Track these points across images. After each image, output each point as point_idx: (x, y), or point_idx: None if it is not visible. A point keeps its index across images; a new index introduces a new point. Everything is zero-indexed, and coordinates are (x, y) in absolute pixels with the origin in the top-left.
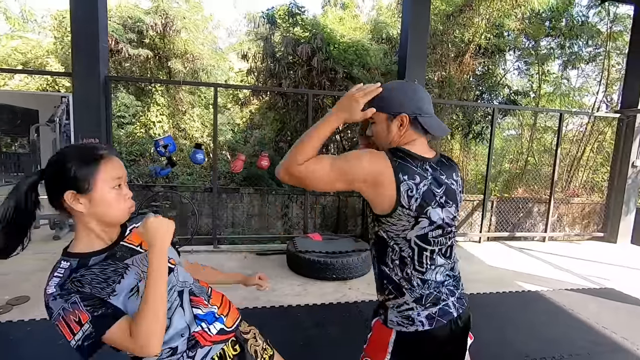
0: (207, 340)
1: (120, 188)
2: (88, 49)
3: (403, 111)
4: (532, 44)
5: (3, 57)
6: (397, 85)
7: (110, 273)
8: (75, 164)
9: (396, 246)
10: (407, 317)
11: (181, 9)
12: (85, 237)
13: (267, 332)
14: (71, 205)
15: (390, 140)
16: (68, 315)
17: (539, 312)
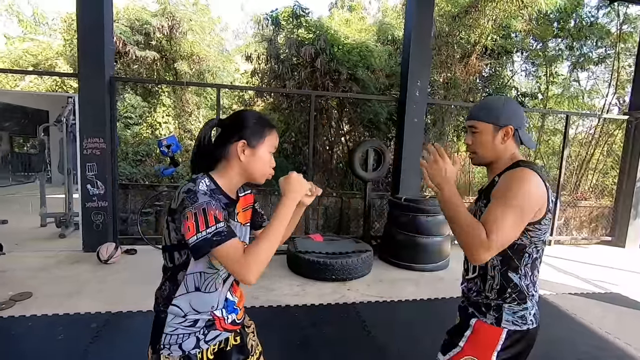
0: (221, 326)
1: (271, 155)
2: (94, 51)
3: (509, 123)
4: (540, 45)
5: (15, 58)
6: (503, 99)
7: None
8: (256, 124)
9: (534, 250)
10: (521, 316)
11: (187, 11)
12: (226, 180)
13: (265, 331)
14: (238, 152)
15: (493, 149)
16: (210, 209)
17: (541, 315)
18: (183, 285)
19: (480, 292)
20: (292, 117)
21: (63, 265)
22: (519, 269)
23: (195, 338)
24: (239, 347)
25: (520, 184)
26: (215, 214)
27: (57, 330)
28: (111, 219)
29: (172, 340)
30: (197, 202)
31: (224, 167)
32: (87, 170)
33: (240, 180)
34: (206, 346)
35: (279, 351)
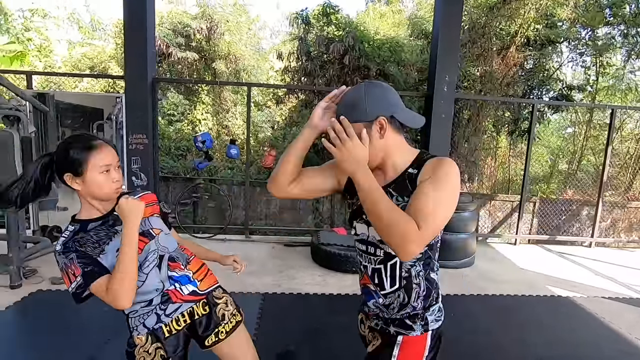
0: (178, 298)
1: (109, 173)
2: (138, 54)
3: (379, 114)
4: (589, 34)
5: (75, 62)
6: (363, 87)
7: (102, 236)
8: (73, 151)
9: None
10: (439, 309)
11: (225, 13)
12: (86, 208)
13: (285, 315)
14: (70, 184)
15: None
16: (67, 269)
17: (567, 317)
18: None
19: (404, 305)
20: None
21: None
22: (434, 265)
23: (155, 315)
24: (208, 317)
25: (451, 173)
26: (72, 271)
27: (102, 303)
28: None
29: (136, 321)
30: (59, 264)
31: (80, 199)
32: (132, 164)
33: (99, 202)
34: (168, 319)
35: (297, 334)
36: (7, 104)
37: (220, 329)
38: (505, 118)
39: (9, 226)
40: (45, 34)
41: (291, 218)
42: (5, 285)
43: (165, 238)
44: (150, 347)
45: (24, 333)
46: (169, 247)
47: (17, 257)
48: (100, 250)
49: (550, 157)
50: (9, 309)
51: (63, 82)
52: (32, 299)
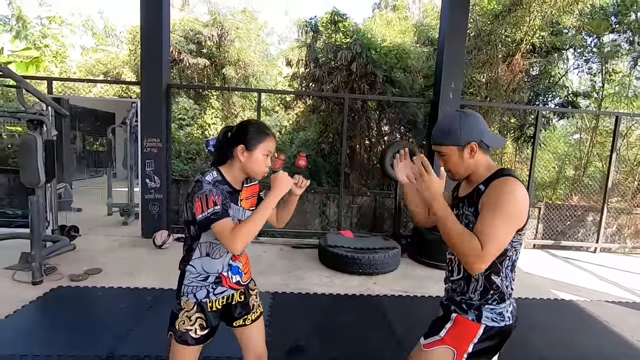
0: (227, 284)
1: (267, 158)
2: (153, 61)
3: (471, 140)
4: (595, 41)
5: (89, 68)
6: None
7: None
8: (254, 131)
9: (514, 254)
10: (500, 314)
11: (235, 20)
12: (231, 173)
13: (293, 313)
14: (238, 153)
15: (466, 166)
16: (210, 196)
17: (570, 321)
18: (197, 251)
19: (464, 293)
20: (329, 118)
21: (125, 247)
22: (501, 272)
23: (206, 290)
24: (242, 304)
25: (510, 195)
26: (214, 200)
27: (121, 300)
28: (165, 209)
29: (188, 290)
30: (201, 189)
31: (230, 164)
32: (146, 167)
33: (241, 175)
34: (214, 297)
35: (304, 331)
36: (31, 109)
37: (248, 317)
38: (510, 124)
39: (33, 226)
40: (61, 41)
41: (298, 221)
42: (28, 281)
43: None
44: (194, 315)
45: (46, 326)
46: None
47: (39, 255)
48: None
49: (557, 163)
50: (32, 303)
51: (77, 87)
52: (53, 294)
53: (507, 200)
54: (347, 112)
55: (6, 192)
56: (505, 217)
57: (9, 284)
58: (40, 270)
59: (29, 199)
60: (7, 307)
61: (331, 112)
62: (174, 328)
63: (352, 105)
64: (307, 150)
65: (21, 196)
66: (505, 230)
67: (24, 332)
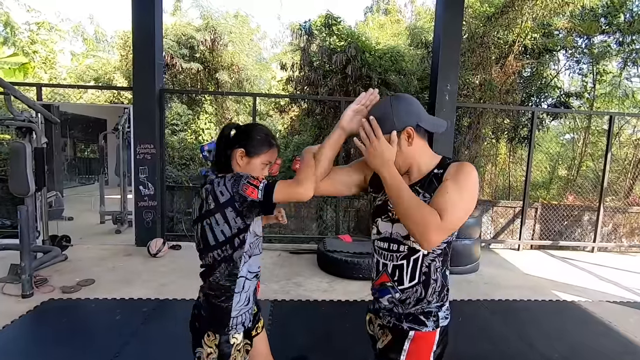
0: (259, 293)
1: (265, 167)
2: (146, 66)
3: (406, 125)
4: (585, 42)
5: (79, 73)
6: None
7: None
8: (259, 138)
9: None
10: (447, 307)
11: (228, 24)
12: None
13: (293, 321)
14: (237, 157)
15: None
16: (251, 180)
17: (571, 320)
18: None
19: (421, 300)
20: (325, 122)
21: (119, 257)
22: (449, 263)
23: (249, 314)
24: (256, 314)
25: (470, 174)
26: (255, 183)
27: (115, 312)
28: (159, 217)
29: (238, 321)
30: (242, 177)
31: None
32: (140, 173)
33: None
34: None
35: (304, 339)
36: (20, 115)
37: (258, 325)
38: (504, 125)
39: (22, 236)
40: (51, 47)
41: (296, 226)
42: (17, 294)
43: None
44: (242, 345)
45: (36, 342)
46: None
47: (28, 267)
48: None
49: (550, 163)
50: (21, 317)
51: (68, 93)
52: (44, 308)
53: (468, 178)
54: None
55: None
56: (466, 194)
57: None
58: (30, 282)
59: (17, 208)
60: None
61: (326, 116)
62: None
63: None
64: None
65: (10, 206)
66: (466, 207)
67: (12, 349)
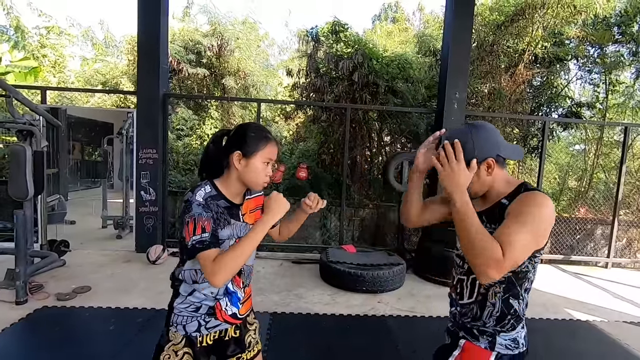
0: (222, 317)
1: (267, 165)
2: (150, 71)
3: (487, 156)
4: (598, 52)
5: (87, 78)
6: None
7: (222, 218)
8: (252, 135)
9: (533, 275)
10: (514, 339)
11: (235, 30)
12: (227, 186)
13: (294, 336)
14: (234, 161)
15: (483, 183)
16: (200, 220)
17: (587, 342)
18: (185, 279)
19: (477, 319)
20: (330, 129)
21: (118, 263)
22: (519, 294)
23: (197, 322)
24: (237, 340)
25: (539, 208)
26: (203, 225)
27: (109, 321)
28: (160, 223)
29: (178, 320)
30: (190, 212)
31: (226, 174)
32: (141, 178)
33: (240, 186)
34: (206, 332)
35: (303, 355)
36: (21, 118)
37: (242, 355)
38: (513, 135)
39: (18, 240)
40: (60, 51)
41: (299, 234)
42: (11, 301)
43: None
44: (181, 349)
45: (26, 352)
46: (250, 263)
47: (23, 273)
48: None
49: (559, 174)
50: (13, 325)
51: (75, 97)
52: (37, 315)
53: (536, 213)
54: (349, 123)
55: None
56: (531, 228)
57: None
58: (24, 289)
59: (14, 212)
60: None
61: (332, 123)
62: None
63: (353, 115)
64: (307, 162)
65: (12, 208)
66: (529, 243)
67: (1, 358)
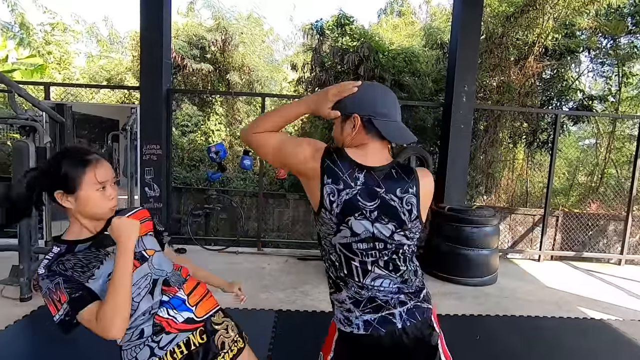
0: (173, 328)
1: (105, 190)
2: (153, 66)
3: (356, 112)
4: (610, 43)
5: (92, 74)
6: (364, 84)
7: (92, 259)
8: (66, 167)
9: (327, 247)
10: (346, 317)
11: (239, 25)
12: (74, 228)
13: (299, 333)
14: (61, 202)
15: (342, 140)
16: (52, 294)
17: (600, 341)
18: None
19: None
20: None
21: None
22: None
23: (148, 348)
24: (206, 346)
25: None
26: (57, 297)
27: None
28: (165, 219)
29: (129, 354)
30: (43, 289)
31: (70, 218)
32: (146, 174)
33: (88, 220)
34: (162, 352)
35: (309, 353)
36: (23, 114)
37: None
38: (522, 129)
39: (22, 237)
40: (65, 47)
41: (304, 230)
42: (16, 297)
43: (159, 259)
44: None
45: (29, 348)
46: (164, 269)
47: (27, 269)
48: (89, 275)
49: (568, 169)
50: (17, 322)
51: (80, 93)
52: (41, 312)
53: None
54: None
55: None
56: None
57: None
58: (28, 285)
59: None
60: None
61: None
62: None
63: None
64: None
65: None
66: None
67: (5, 356)
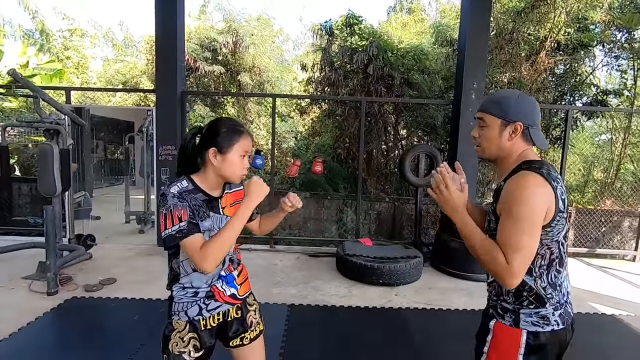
0: (221, 298)
1: (244, 158)
2: (168, 69)
3: (519, 120)
4: (625, 36)
5: (109, 78)
6: (518, 93)
7: (202, 211)
8: (225, 131)
9: (547, 251)
10: (543, 317)
11: (250, 27)
12: (205, 180)
13: (310, 327)
14: (210, 158)
15: (499, 145)
16: (175, 210)
17: (613, 337)
18: (182, 269)
19: (499, 295)
20: (346, 122)
21: (140, 257)
22: (533, 272)
23: (198, 307)
24: (239, 320)
25: (522, 193)
26: (179, 215)
27: (133, 311)
28: None
29: (179, 307)
30: (166, 204)
31: (204, 170)
32: (162, 174)
33: (218, 180)
34: (208, 314)
35: (319, 348)
36: (48, 118)
37: (246, 335)
38: None
39: (48, 234)
40: (82, 52)
41: (315, 228)
42: (43, 291)
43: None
44: (186, 335)
45: (56, 340)
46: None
47: (54, 265)
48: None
49: (583, 165)
50: (45, 315)
51: (98, 96)
52: (67, 305)
53: (519, 200)
54: (364, 116)
55: (29, 200)
56: (521, 221)
57: (25, 294)
58: (55, 280)
59: (43, 208)
60: (21, 319)
61: (347, 117)
62: (167, 350)
63: (368, 109)
64: (323, 156)
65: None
66: (528, 236)
67: (33, 346)
